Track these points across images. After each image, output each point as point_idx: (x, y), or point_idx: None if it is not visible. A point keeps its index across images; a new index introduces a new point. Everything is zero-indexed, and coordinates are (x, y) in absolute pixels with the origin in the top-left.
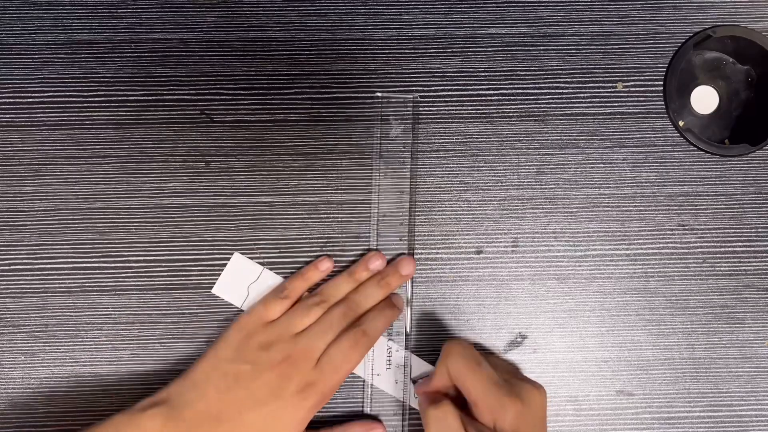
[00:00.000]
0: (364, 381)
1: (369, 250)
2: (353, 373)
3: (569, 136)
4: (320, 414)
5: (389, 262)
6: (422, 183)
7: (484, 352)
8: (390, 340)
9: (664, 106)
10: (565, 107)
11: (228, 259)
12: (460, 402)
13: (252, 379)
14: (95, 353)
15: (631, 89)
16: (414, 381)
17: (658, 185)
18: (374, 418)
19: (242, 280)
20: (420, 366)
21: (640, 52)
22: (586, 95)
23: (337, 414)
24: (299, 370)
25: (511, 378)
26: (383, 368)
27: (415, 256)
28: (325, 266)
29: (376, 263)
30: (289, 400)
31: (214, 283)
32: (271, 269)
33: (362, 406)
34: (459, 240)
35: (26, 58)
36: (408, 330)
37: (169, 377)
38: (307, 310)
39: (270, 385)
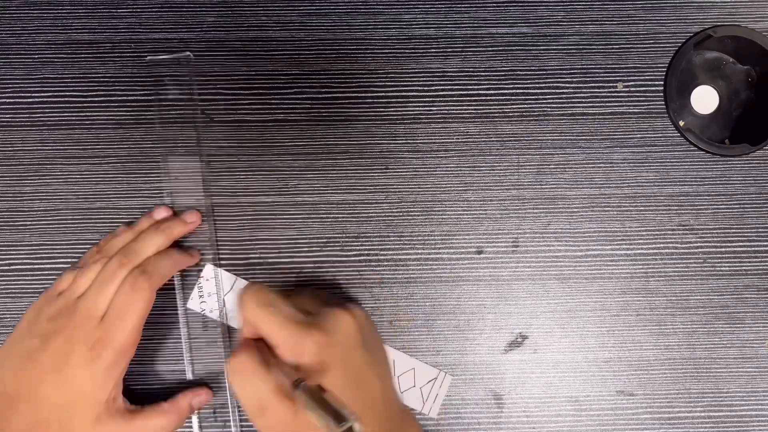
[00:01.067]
0: (182, 348)
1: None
2: (170, 346)
3: (569, 136)
4: (147, 390)
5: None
6: (422, 183)
7: (295, 288)
8: (203, 302)
9: (664, 106)
10: (565, 107)
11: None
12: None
13: (41, 351)
14: None
15: (632, 89)
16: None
17: (659, 185)
18: (200, 384)
19: (217, 292)
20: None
21: (641, 52)
22: (586, 95)
23: (162, 387)
24: (84, 330)
25: (317, 309)
26: (199, 332)
27: (415, 256)
28: (119, 232)
29: (162, 214)
30: (80, 363)
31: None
32: (270, 269)
33: (185, 374)
34: (459, 240)
35: (26, 58)
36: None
37: (169, 375)
38: (86, 270)
39: (58, 353)
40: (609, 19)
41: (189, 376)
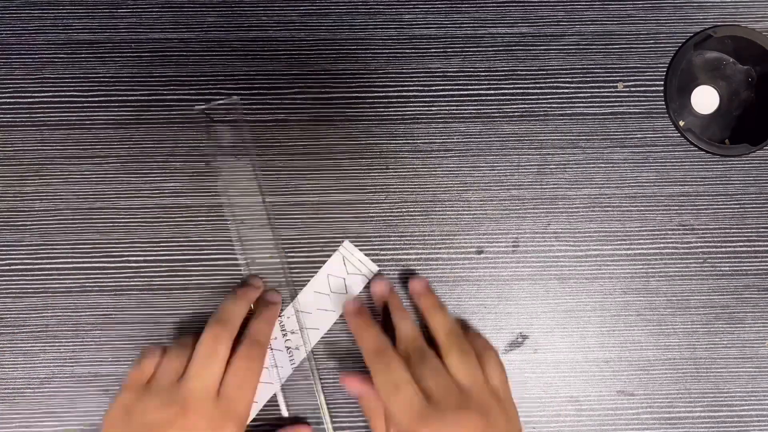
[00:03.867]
0: (275, 386)
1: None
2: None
3: (570, 136)
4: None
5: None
6: (422, 183)
7: (429, 357)
8: (288, 340)
9: (664, 106)
10: (565, 107)
11: (224, 258)
12: (386, 321)
13: None
14: (95, 353)
15: (632, 89)
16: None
17: (659, 185)
18: (298, 421)
19: (299, 328)
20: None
21: (641, 52)
22: (586, 95)
23: (258, 424)
24: (202, 412)
25: (444, 399)
26: (289, 370)
27: (415, 256)
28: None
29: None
30: None
31: (214, 282)
32: (270, 269)
33: (279, 412)
34: (459, 240)
35: (26, 58)
36: (300, 326)
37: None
38: (178, 350)
39: None
40: (609, 19)
41: (284, 413)
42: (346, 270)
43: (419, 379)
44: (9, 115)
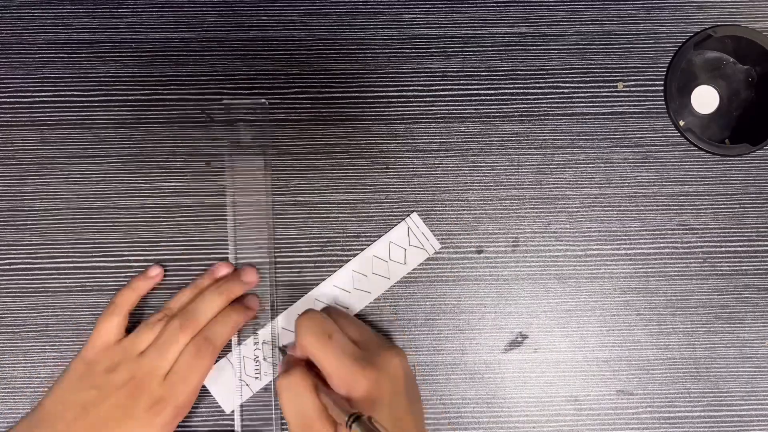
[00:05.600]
0: (234, 401)
1: (226, 260)
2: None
3: (569, 135)
4: None
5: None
6: (422, 183)
7: (342, 314)
8: (257, 349)
9: (664, 106)
10: (565, 107)
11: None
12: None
13: (100, 404)
14: None
15: (632, 89)
16: (283, 348)
17: (659, 185)
18: None
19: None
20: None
21: (641, 52)
22: (586, 95)
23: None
24: (147, 388)
25: (369, 344)
26: (251, 379)
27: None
28: (154, 273)
29: (222, 272)
30: (141, 419)
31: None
32: (271, 269)
33: (233, 428)
34: (459, 240)
35: (26, 57)
36: (275, 339)
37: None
38: (149, 327)
39: (118, 406)
40: (609, 18)
41: (238, 429)
42: (409, 241)
43: (343, 330)
44: (9, 115)
